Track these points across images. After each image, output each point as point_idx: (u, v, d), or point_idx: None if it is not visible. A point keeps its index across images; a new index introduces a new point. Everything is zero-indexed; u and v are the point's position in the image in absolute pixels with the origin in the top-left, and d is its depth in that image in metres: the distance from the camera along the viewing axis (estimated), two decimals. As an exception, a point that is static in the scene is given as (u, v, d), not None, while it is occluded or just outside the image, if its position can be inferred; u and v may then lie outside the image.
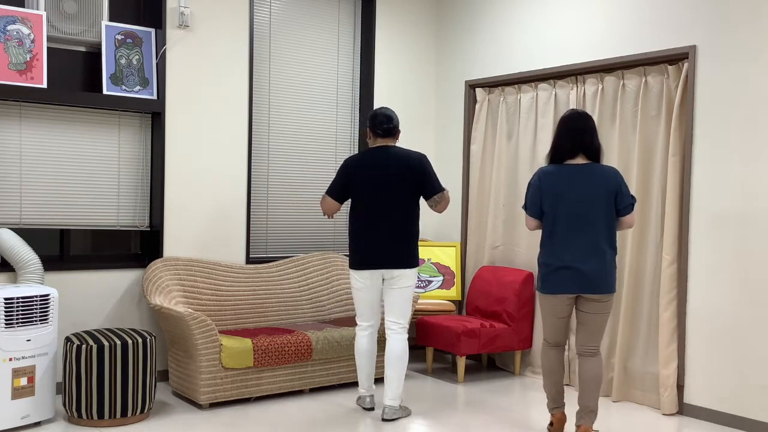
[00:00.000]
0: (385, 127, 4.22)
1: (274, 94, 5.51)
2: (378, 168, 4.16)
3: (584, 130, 3.79)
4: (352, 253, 4.25)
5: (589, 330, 3.81)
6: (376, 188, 4.14)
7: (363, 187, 4.17)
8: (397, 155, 4.18)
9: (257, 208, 5.43)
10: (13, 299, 3.80)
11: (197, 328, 4.21)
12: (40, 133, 4.55)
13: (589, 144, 3.79)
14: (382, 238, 4.14)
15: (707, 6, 4.34)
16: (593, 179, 3.74)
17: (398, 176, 4.13)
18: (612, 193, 3.73)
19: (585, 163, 3.79)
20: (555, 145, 3.86)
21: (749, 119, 4.16)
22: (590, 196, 3.72)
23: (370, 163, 4.19)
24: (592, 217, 3.71)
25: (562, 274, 3.74)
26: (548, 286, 3.79)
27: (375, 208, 4.15)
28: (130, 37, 4.79)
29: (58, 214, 4.63)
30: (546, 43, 5.31)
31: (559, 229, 3.76)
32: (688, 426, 4.27)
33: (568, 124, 3.82)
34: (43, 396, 3.95)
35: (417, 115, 6.19)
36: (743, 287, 4.18)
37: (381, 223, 4.14)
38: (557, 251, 3.75)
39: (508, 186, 5.58)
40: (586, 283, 3.70)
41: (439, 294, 5.81)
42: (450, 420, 4.27)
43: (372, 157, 4.21)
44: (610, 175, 3.75)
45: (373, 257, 4.16)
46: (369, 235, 4.16)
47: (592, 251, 3.70)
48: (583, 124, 3.80)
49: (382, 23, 5.96)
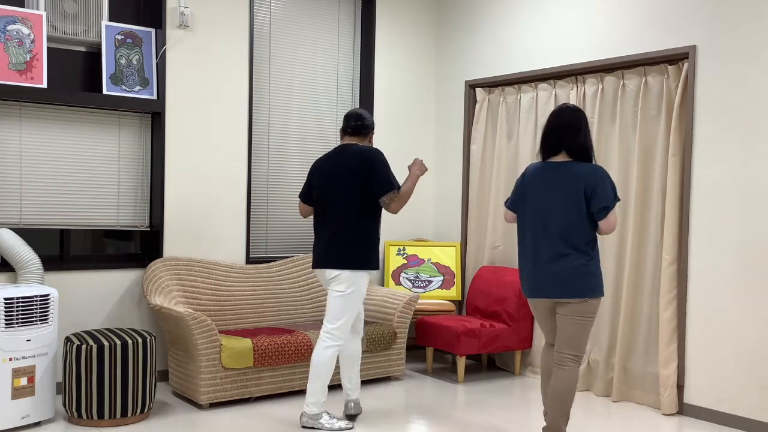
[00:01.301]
0: (353, 125, 4.10)
1: (274, 94, 5.51)
2: (332, 166, 4.05)
3: (567, 127, 3.52)
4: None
5: (561, 335, 3.55)
6: (326, 187, 4.04)
7: (318, 186, 4.10)
8: (351, 153, 4.03)
9: (257, 208, 5.43)
10: (13, 299, 3.80)
11: (197, 328, 4.21)
12: (40, 133, 4.55)
13: (570, 142, 3.51)
14: (325, 237, 4.01)
15: (707, 6, 4.34)
16: (565, 179, 3.48)
17: (347, 174, 3.98)
18: (580, 194, 3.44)
19: (564, 161, 3.54)
20: (540, 142, 3.67)
21: (749, 119, 4.16)
22: (558, 197, 3.48)
23: (326, 162, 4.10)
24: (557, 219, 3.47)
25: (527, 278, 3.60)
26: (523, 289, 3.68)
27: (324, 207, 4.05)
28: (130, 37, 4.79)
29: (58, 214, 4.63)
30: (546, 43, 5.31)
31: (525, 231, 3.61)
32: (688, 426, 4.27)
33: (554, 119, 3.60)
34: (43, 396, 3.94)
35: (417, 115, 6.19)
36: (743, 287, 4.18)
37: (327, 222, 4.02)
38: (524, 255, 3.62)
39: (508, 186, 5.57)
40: (547, 286, 3.49)
41: (439, 294, 5.81)
42: (450, 420, 4.27)
43: (330, 156, 4.12)
44: (586, 174, 3.45)
45: (317, 256, 4.05)
46: (317, 233, 4.08)
47: (555, 254, 3.46)
48: (567, 120, 3.53)
49: (382, 23, 5.95)
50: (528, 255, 3.59)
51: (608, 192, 3.45)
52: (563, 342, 3.54)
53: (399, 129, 6.05)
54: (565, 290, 3.47)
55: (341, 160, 4.03)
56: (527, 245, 3.61)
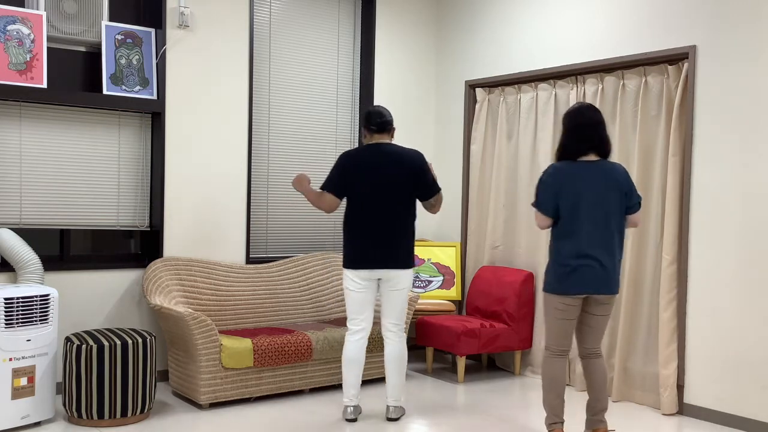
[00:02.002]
0: (378, 122, 4.12)
1: (274, 94, 5.51)
2: (376, 166, 4.06)
3: (597, 126, 3.65)
4: (349, 252, 4.13)
5: (597, 332, 3.75)
6: (375, 187, 4.05)
7: (362, 185, 4.07)
8: (396, 153, 4.09)
9: (257, 208, 5.43)
10: (13, 299, 3.80)
11: (197, 328, 4.21)
12: (40, 133, 4.55)
13: (605, 140, 3.67)
14: (381, 238, 4.05)
15: (707, 6, 4.34)
16: (607, 177, 3.62)
17: (397, 175, 4.04)
18: (624, 191, 3.64)
19: (596, 160, 3.66)
20: (565, 142, 3.69)
21: (749, 119, 4.16)
22: (606, 195, 3.60)
23: (368, 161, 4.08)
24: (609, 217, 3.60)
25: (582, 274, 3.59)
26: (567, 287, 3.61)
27: (373, 207, 4.05)
28: (130, 37, 4.79)
29: (58, 214, 4.63)
30: (546, 43, 5.31)
31: (578, 228, 3.60)
32: (688, 426, 4.27)
33: (579, 119, 3.66)
34: (43, 396, 3.94)
35: (417, 115, 6.19)
36: (743, 287, 4.18)
37: (380, 223, 4.04)
38: (576, 251, 3.60)
39: (508, 186, 5.58)
40: (603, 283, 3.60)
41: (439, 294, 5.81)
42: (450, 420, 4.27)
43: (370, 154, 4.10)
44: (621, 173, 3.66)
45: (372, 257, 4.06)
46: (367, 234, 4.06)
47: (609, 251, 3.60)
48: (595, 118, 3.65)
49: (382, 23, 5.95)
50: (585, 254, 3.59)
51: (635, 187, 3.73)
52: (598, 337, 3.78)
53: (399, 129, 6.04)
54: (615, 286, 3.68)
55: (389, 159, 4.06)
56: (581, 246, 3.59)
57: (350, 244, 4.12)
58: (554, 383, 3.73)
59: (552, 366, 3.74)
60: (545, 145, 5.26)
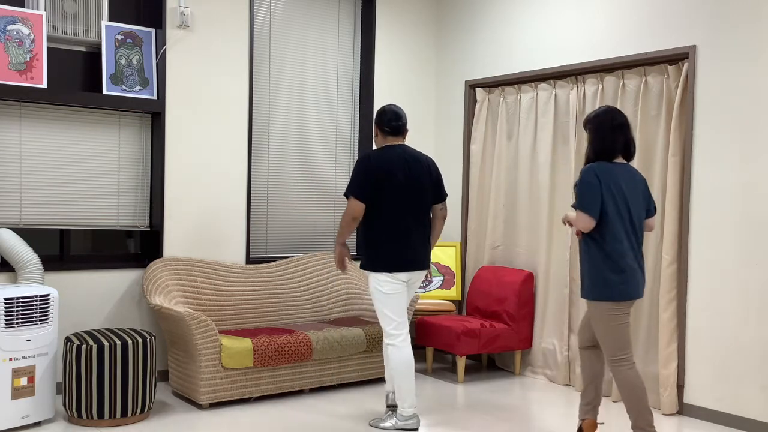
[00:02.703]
0: (394, 125, 4.08)
1: (274, 94, 5.51)
2: (404, 170, 4.02)
3: (629, 128, 3.65)
4: (385, 255, 3.98)
5: None
6: (407, 190, 4.01)
7: (393, 189, 3.99)
8: (418, 158, 4.10)
9: (257, 208, 5.43)
10: (13, 299, 3.80)
11: (197, 328, 4.21)
12: (40, 133, 4.55)
13: (634, 142, 3.68)
14: (416, 239, 4.04)
15: (707, 6, 4.34)
16: (636, 180, 3.62)
17: (423, 179, 4.07)
18: (647, 195, 3.68)
19: (624, 162, 3.64)
20: (605, 144, 3.60)
21: (749, 119, 4.16)
22: (637, 198, 3.60)
23: (396, 165, 4.00)
24: (640, 220, 3.61)
25: (636, 277, 3.55)
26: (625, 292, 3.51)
27: (407, 210, 4.02)
28: (130, 37, 4.79)
29: (58, 214, 4.63)
30: (546, 43, 5.31)
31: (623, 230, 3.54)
32: (688, 426, 4.27)
33: (617, 119, 3.61)
34: (43, 396, 3.95)
35: (417, 115, 6.19)
36: (743, 287, 4.18)
37: (414, 225, 4.04)
38: (626, 254, 3.53)
39: (508, 186, 5.58)
40: (643, 286, 3.63)
41: (439, 294, 5.81)
42: (450, 420, 4.27)
43: (397, 157, 4.03)
44: (641, 176, 3.68)
45: (411, 258, 4.02)
46: (404, 236, 4.00)
47: (641, 256, 3.62)
48: (627, 120, 3.65)
49: (382, 23, 5.96)
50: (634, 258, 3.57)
51: None
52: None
53: (399, 129, 6.06)
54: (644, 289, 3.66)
55: (413, 164, 4.05)
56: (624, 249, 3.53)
57: (385, 247, 3.99)
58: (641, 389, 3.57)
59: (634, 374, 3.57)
60: (545, 145, 5.26)
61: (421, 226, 4.09)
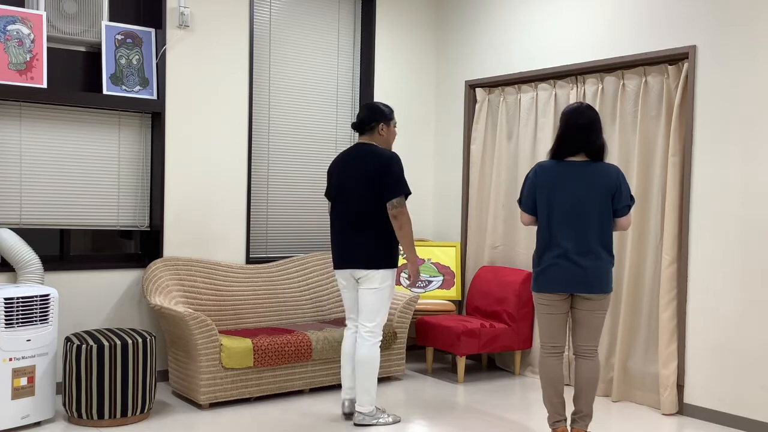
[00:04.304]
0: (353, 123, 4.19)
1: (274, 94, 5.51)
2: (346, 167, 4.09)
3: (590, 128, 3.64)
4: (332, 252, 4.20)
5: (585, 329, 3.72)
6: (342, 188, 4.08)
7: (334, 186, 4.14)
8: (365, 154, 4.05)
9: (257, 208, 5.43)
10: (13, 299, 3.80)
11: (197, 328, 4.21)
12: (40, 133, 4.55)
13: (593, 142, 3.65)
14: (348, 238, 4.05)
15: (707, 6, 4.34)
16: (590, 178, 3.62)
17: (363, 176, 4.00)
18: (609, 193, 3.62)
19: (584, 161, 3.66)
20: (557, 141, 3.72)
21: (749, 119, 4.16)
22: (584, 196, 3.61)
23: (341, 163, 4.14)
24: (585, 217, 3.60)
25: (553, 272, 3.65)
26: (539, 285, 3.72)
27: (342, 208, 4.08)
28: (130, 37, 4.79)
29: (58, 214, 4.63)
30: (546, 43, 5.31)
31: (551, 227, 3.66)
32: (688, 426, 4.27)
33: (573, 119, 3.66)
34: (43, 396, 3.95)
35: (417, 115, 6.19)
36: (743, 287, 4.18)
37: (347, 223, 4.05)
38: (548, 249, 3.67)
39: (508, 186, 5.58)
40: (576, 282, 3.61)
41: (439, 294, 5.81)
42: (450, 420, 4.27)
43: (344, 156, 4.15)
44: (609, 174, 3.63)
45: (342, 257, 4.08)
46: (338, 234, 4.10)
47: (584, 251, 3.60)
48: (589, 121, 3.64)
49: (382, 23, 5.96)
50: (556, 253, 3.64)
51: (628, 191, 3.69)
52: (588, 335, 3.74)
53: (399, 129, 6.05)
54: (597, 286, 3.64)
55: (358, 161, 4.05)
56: (552, 243, 3.65)
57: (331, 244, 4.18)
58: (550, 381, 3.75)
59: (545, 364, 3.77)
60: (545, 145, 5.25)
61: (356, 225, 4.00)
